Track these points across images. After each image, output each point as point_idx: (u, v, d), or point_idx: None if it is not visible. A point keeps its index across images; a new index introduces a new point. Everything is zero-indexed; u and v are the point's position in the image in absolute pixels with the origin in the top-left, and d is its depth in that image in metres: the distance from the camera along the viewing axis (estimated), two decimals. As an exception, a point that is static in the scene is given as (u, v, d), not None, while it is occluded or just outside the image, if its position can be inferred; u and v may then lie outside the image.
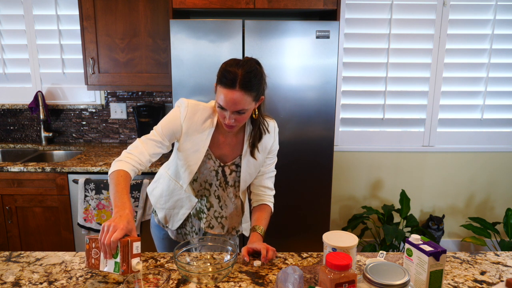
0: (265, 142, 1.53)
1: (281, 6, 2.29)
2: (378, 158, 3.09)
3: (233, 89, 1.30)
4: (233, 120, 1.36)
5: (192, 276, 1.17)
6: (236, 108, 1.32)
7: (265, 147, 1.53)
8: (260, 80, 1.36)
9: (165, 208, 1.62)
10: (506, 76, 2.98)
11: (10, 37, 2.92)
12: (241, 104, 1.32)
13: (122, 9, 2.54)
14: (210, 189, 1.55)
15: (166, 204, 1.61)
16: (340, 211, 3.19)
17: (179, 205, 1.59)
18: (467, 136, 3.07)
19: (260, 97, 1.40)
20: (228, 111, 1.34)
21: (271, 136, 1.55)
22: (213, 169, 1.51)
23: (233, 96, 1.30)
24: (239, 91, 1.30)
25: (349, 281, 0.98)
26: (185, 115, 1.43)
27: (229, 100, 1.31)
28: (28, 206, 2.47)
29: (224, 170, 1.52)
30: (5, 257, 1.36)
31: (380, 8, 2.87)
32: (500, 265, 1.32)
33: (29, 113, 3.02)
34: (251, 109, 1.38)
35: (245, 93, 1.31)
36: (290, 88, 2.30)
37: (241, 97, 1.31)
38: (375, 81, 2.96)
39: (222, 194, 1.56)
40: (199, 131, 1.45)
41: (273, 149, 1.58)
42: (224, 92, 1.32)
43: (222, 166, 1.52)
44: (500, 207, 3.20)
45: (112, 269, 1.13)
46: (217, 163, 1.51)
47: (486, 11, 2.89)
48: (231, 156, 1.52)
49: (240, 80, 1.30)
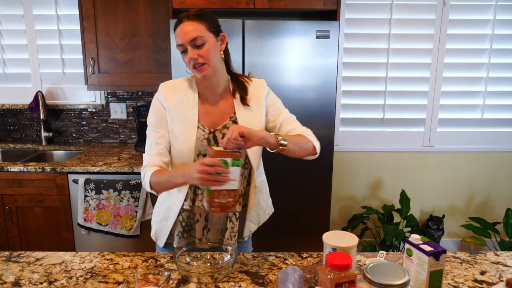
0: (255, 92, 1.46)
1: (281, 6, 2.29)
2: (378, 158, 3.09)
3: (183, 22, 1.32)
4: (195, 55, 1.31)
5: (192, 276, 1.17)
6: (190, 36, 1.30)
7: (258, 98, 1.46)
8: (210, 15, 1.36)
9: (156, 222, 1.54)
10: (506, 76, 2.98)
11: (10, 37, 2.92)
12: (194, 31, 1.30)
13: (122, 9, 2.54)
14: None
15: (157, 217, 1.54)
16: (340, 211, 3.19)
17: (166, 215, 1.49)
18: (467, 136, 3.07)
19: (219, 33, 1.38)
20: (188, 46, 1.31)
21: (260, 87, 1.48)
22: (204, 137, 1.41)
23: (183, 26, 1.31)
24: (188, 21, 1.32)
25: (349, 281, 0.98)
26: (164, 95, 1.42)
27: (181, 31, 1.31)
28: (28, 206, 2.47)
29: (215, 136, 1.42)
30: (5, 257, 1.36)
31: (380, 8, 2.87)
32: (500, 265, 1.32)
33: (29, 113, 3.02)
34: (211, 42, 1.33)
35: (195, 21, 1.31)
36: (290, 88, 2.30)
37: (192, 25, 1.31)
38: (375, 81, 2.96)
39: None
40: (183, 104, 1.42)
41: (272, 100, 1.49)
42: (176, 30, 1.33)
43: (212, 132, 1.41)
44: (500, 207, 3.20)
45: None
46: (206, 130, 1.41)
47: (486, 11, 2.89)
48: (220, 121, 1.43)
49: (188, 13, 1.33)
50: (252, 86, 1.47)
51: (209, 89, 1.43)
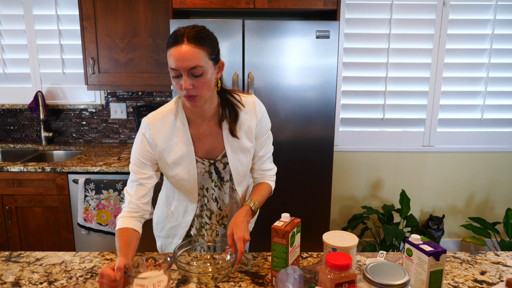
0: (245, 121, 1.37)
1: (281, 6, 2.29)
2: (378, 158, 3.09)
3: (181, 44, 1.16)
4: (191, 85, 1.18)
5: (192, 276, 1.17)
6: (189, 64, 1.16)
7: (248, 128, 1.37)
8: (212, 37, 1.22)
9: (161, 236, 1.55)
10: (506, 76, 2.98)
11: (10, 37, 2.92)
12: (193, 60, 1.16)
13: (122, 9, 2.54)
14: (207, 194, 1.44)
15: (161, 233, 1.54)
16: (340, 211, 3.19)
17: (172, 234, 1.51)
18: (467, 136, 3.07)
19: (219, 60, 1.26)
20: (183, 73, 1.17)
21: (250, 114, 1.37)
22: (205, 170, 1.38)
23: (182, 50, 1.15)
24: (188, 44, 1.15)
25: (349, 281, 0.98)
26: (152, 134, 1.30)
27: (179, 56, 1.15)
28: (28, 206, 2.47)
29: (216, 167, 1.39)
30: (5, 257, 1.36)
31: (380, 8, 2.87)
32: (500, 265, 1.32)
33: (29, 113, 3.02)
34: (209, 71, 1.20)
35: (196, 46, 1.16)
36: (290, 88, 2.30)
37: (192, 50, 1.15)
38: (375, 81, 2.96)
39: (219, 194, 1.45)
40: (175, 138, 1.32)
41: (262, 128, 1.42)
42: (172, 51, 1.16)
43: (213, 164, 1.38)
44: (500, 207, 3.20)
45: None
46: (206, 162, 1.37)
47: (486, 11, 2.89)
48: (218, 150, 1.38)
49: (188, 34, 1.16)
50: (243, 114, 1.37)
51: (198, 115, 1.34)
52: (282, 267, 1.16)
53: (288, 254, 1.15)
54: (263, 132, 1.43)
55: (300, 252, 1.28)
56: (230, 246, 1.22)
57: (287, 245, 1.14)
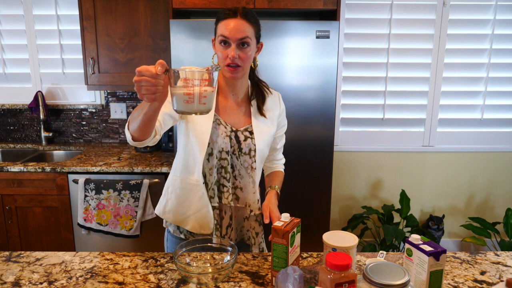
0: (271, 106, 1.50)
1: (281, 6, 2.29)
2: (378, 158, 3.09)
3: (235, 18, 1.32)
4: (237, 54, 1.32)
5: (192, 276, 1.17)
6: (240, 35, 1.31)
7: (273, 113, 1.50)
8: (258, 20, 1.39)
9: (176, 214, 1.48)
10: (506, 76, 2.98)
11: (10, 37, 2.92)
12: (245, 31, 1.31)
13: (122, 9, 2.54)
14: (228, 157, 1.43)
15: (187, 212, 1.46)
16: (340, 211, 3.19)
17: (193, 208, 1.45)
18: (467, 136, 3.07)
19: (260, 41, 1.42)
20: (232, 43, 1.31)
21: (275, 102, 1.53)
22: (226, 134, 1.41)
23: (238, 23, 1.31)
24: (241, 19, 1.32)
25: (349, 281, 0.97)
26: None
27: (233, 27, 1.31)
28: (28, 206, 2.47)
29: (237, 135, 1.43)
30: (5, 257, 1.36)
31: (380, 8, 2.87)
32: (500, 265, 1.32)
33: (29, 113, 3.02)
34: (253, 47, 1.36)
35: (247, 22, 1.33)
36: (290, 88, 2.30)
37: (244, 24, 1.32)
38: (375, 81, 2.96)
39: (236, 163, 1.45)
40: None
41: (283, 121, 1.57)
42: (225, 22, 1.32)
43: (234, 131, 1.43)
44: (500, 207, 3.20)
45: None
46: (229, 127, 1.42)
47: (486, 11, 2.89)
48: (242, 122, 1.46)
49: (241, 10, 1.33)
50: (269, 98, 1.51)
51: (231, 88, 1.45)
52: (282, 267, 1.16)
53: (288, 254, 1.15)
54: (283, 124, 1.58)
55: (300, 252, 1.28)
56: (266, 218, 1.41)
57: (287, 245, 1.14)
